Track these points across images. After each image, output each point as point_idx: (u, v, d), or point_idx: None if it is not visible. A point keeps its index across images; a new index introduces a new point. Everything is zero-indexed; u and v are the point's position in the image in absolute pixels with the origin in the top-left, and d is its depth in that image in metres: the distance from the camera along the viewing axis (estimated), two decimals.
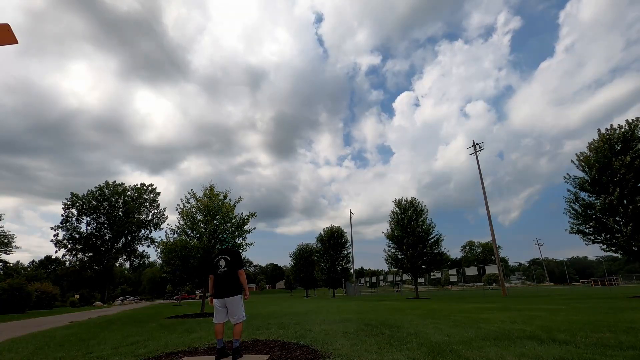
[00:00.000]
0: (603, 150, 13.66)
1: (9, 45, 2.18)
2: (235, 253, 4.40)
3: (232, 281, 4.14)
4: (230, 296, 4.04)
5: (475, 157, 26.93)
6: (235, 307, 4.04)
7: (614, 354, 3.23)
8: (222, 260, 4.25)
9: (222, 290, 4.09)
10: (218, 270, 4.20)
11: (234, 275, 4.16)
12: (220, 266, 4.22)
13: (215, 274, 4.21)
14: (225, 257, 4.27)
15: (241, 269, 4.24)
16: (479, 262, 71.54)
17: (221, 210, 11.68)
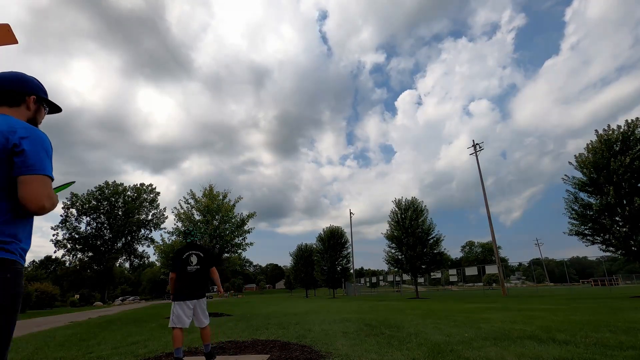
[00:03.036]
0: (601, 151, 13.66)
1: (9, 45, 2.18)
2: (207, 249, 4.06)
3: (204, 281, 3.89)
4: (202, 297, 3.78)
5: (475, 157, 26.94)
6: (205, 309, 3.78)
7: (614, 354, 3.22)
8: (193, 257, 3.86)
9: (194, 291, 3.74)
10: (188, 268, 3.81)
11: (206, 274, 3.89)
12: (191, 263, 3.83)
13: (184, 272, 3.79)
14: (198, 253, 3.90)
15: (214, 267, 3.95)
16: (479, 262, 71.51)
17: (221, 210, 11.69)
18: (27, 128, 1.19)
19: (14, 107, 1.31)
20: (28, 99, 1.34)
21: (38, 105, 1.38)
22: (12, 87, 1.31)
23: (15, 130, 1.15)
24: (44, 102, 1.41)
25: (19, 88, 1.32)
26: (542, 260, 66.83)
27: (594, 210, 13.76)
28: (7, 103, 1.30)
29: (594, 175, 13.84)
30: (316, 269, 36.02)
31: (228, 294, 74.59)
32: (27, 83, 1.35)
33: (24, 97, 1.33)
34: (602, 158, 13.50)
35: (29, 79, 1.38)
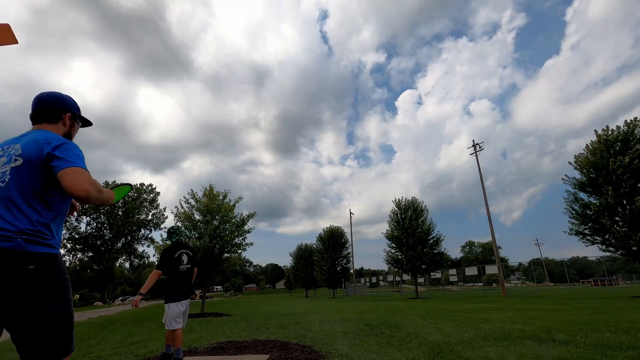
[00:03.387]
0: (600, 151, 13.65)
1: (9, 45, 2.18)
2: (193, 248, 3.98)
3: (191, 281, 3.84)
4: (191, 297, 3.71)
5: (475, 157, 26.94)
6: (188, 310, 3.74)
7: (614, 354, 3.22)
8: (184, 256, 3.79)
9: (187, 291, 3.68)
10: (180, 267, 3.72)
11: (192, 273, 3.86)
12: (182, 262, 3.75)
13: (177, 272, 3.69)
14: (188, 252, 3.85)
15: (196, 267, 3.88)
16: (479, 262, 71.50)
17: (221, 210, 11.68)
18: (60, 139, 1.36)
19: (53, 124, 1.51)
20: (64, 116, 1.55)
21: (72, 122, 1.60)
22: (51, 106, 1.52)
23: (50, 142, 1.32)
24: (77, 118, 1.63)
25: (57, 106, 1.53)
26: (542, 260, 66.82)
27: (594, 211, 13.75)
28: (46, 120, 1.51)
29: (593, 175, 13.84)
30: (316, 269, 36.03)
31: (228, 294, 74.58)
32: (63, 102, 1.56)
33: (61, 114, 1.54)
34: (602, 158, 13.49)
35: (65, 98, 1.59)
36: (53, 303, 1.24)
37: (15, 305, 1.16)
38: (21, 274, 1.17)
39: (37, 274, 1.21)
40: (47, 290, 1.23)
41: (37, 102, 1.52)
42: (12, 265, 1.17)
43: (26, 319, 1.17)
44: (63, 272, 1.31)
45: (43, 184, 1.29)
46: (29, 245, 1.21)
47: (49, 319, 1.22)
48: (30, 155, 1.29)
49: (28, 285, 1.18)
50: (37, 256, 1.22)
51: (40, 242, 1.25)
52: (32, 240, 1.23)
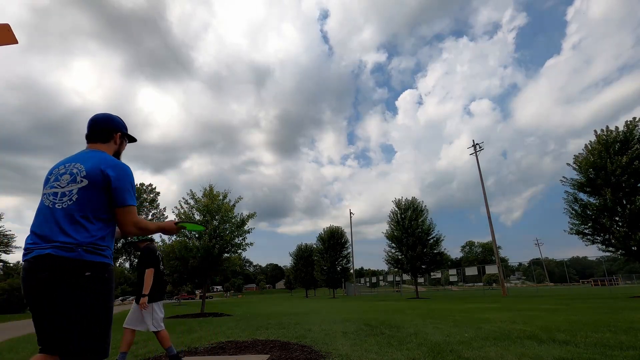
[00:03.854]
0: (599, 151, 13.64)
1: (9, 45, 2.18)
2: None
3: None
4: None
5: (475, 157, 26.95)
6: None
7: (614, 354, 3.22)
8: (159, 255, 3.77)
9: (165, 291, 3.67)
10: (161, 266, 3.68)
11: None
12: (162, 261, 3.73)
13: (159, 271, 3.66)
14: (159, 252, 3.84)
15: None
16: (479, 262, 71.49)
17: (221, 210, 11.68)
18: (117, 165, 1.58)
19: (106, 143, 1.72)
20: (115, 136, 1.76)
21: (122, 140, 1.81)
22: (105, 127, 1.73)
23: (110, 166, 1.55)
24: (125, 136, 1.84)
25: (109, 127, 1.74)
26: (542, 260, 66.81)
27: (593, 211, 13.75)
28: (100, 140, 1.71)
29: (592, 175, 13.82)
30: (316, 269, 36.02)
31: (228, 294, 74.50)
32: (114, 122, 1.77)
33: (112, 134, 1.75)
34: (600, 159, 13.48)
35: (116, 119, 1.79)
36: (99, 305, 1.45)
37: (71, 303, 1.38)
38: (80, 279, 1.40)
39: (92, 279, 1.43)
40: (96, 293, 1.44)
41: (92, 124, 1.72)
42: (73, 271, 1.40)
43: (72, 316, 1.37)
44: (111, 279, 1.53)
45: (101, 205, 1.52)
46: (87, 255, 1.43)
47: (89, 320, 1.41)
48: (95, 179, 1.51)
49: (84, 288, 1.41)
50: (92, 264, 1.44)
51: (95, 253, 1.46)
52: (90, 251, 1.45)
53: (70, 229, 1.44)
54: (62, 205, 1.47)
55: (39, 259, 1.39)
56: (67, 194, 1.49)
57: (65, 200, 1.48)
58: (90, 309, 1.42)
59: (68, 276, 1.38)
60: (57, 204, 1.48)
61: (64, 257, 1.39)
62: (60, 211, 1.46)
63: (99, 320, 1.44)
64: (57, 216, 1.46)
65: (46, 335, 1.39)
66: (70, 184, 1.50)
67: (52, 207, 1.48)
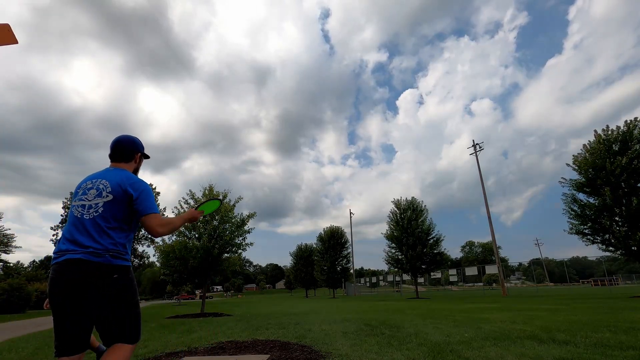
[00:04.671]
0: (599, 151, 13.63)
1: (9, 45, 2.18)
2: None
3: None
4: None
5: (475, 157, 26.95)
6: None
7: (614, 354, 3.22)
8: None
9: None
10: None
11: None
12: None
13: None
14: None
15: None
16: (479, 262, 71.50)
17: (220, 210, 11.67)
18: (138, 183, 1.82)
19: (128, 163, 1.98)
20: (136, 156, 2.02)
21: (141, 159, 2.08)
22: (128, 149, 1.97)
23: (131, 183, 1.79)
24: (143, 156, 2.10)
25: (132, 149, 1.99)
26: (542, 260, 66.83)
27: (593, 211, 13.74)
28: (124, 160, 1.97)
29: (591, 175, 13.81)
30: (316, 269, 36.02)
31: (228, 294, 74.47)
32: (135, 145, 2.02)
33: (134, 155, 2.00)
34: (600, 159, 13.48)
35: (137, 141, 2.04)
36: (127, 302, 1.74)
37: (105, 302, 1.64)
38: (108, 281, 1.64)
39: (119, 280, 1.69)
40: (125, 292, 1.72)
41: (117, 145, 1.96)
42: (103, 274, 1.63)
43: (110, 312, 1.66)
44: (134, 279, 1.81)
45: (124, 216, 1.76)
46: (113, 259, 1.67)
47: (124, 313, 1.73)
48: (119, 195, 1.74)
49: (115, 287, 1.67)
50: (118, 268, 1.69)
51: (120, 257, 1.71)
52: (115, 256, 1.69)
53: (98, 237, 1.67)
54: (89, 216, 1.70)
55: (71, 263, 1.59)
56: (93, 206, 1.73)
57: (92, 212, 1.72)
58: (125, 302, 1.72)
59: (97, 279, 1.61)
60: (85, 214, 1.71)
61: (94, 262, 1.61)
62: (89, 221, 1.69)
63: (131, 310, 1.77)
64: (87, 225, 1.68)
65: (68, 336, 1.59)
66: (97, 198, 1.74)
67: (80, 217, 1.71)
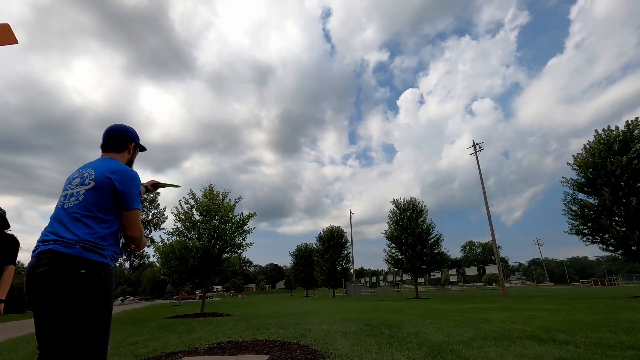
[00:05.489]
0: (599, 151, 13.62)
1: (9, 45, 2.18)
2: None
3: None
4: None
5: (475, 157, 26.96)
6: None
7: (614, 354, 3.22)
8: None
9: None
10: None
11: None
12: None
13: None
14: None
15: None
16: (479, 262, 71.49)
17: (220, 210, 11.67)
18: (125, 171, 1.63)
19: (120, 153, 1.80)
20: (130, 146, 1.84)
21: (135, 150, 1.90)
22: (121, 138, 1.80)
23: (117, 172, 1.59)
24: (138, 147, 1.92)
25: (125, 138, 1.82)
26: (542, 260, 66.83)
27: (592, 211, 13.74)
28: (115, 150, 1.79)
29: (591, 175, 13.81)
30: (316, 269, 36.01)
31: (228, 294, 74.49)
32: (129, 133, 1.85)
33: (127, 144, 1.83)
34: (600, 159, 13.47)
35: (131, 130, 1.87)
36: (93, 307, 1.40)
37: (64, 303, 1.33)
38: (75, 276, 1.38)
39: (86, 277, 1.40)
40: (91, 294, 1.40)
41: (109, 134, 1.79)
42: (69, 268, 1.38)
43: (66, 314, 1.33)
44: (109, 281, 1.50)
45: (106, 206, 1.55)
46: (85, 252, 1.43)
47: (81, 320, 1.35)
48: (102, 183, 1.55)
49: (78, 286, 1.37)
50: (89, 262, 1.43)
51: (95, 251, 1.46)
52: (88, 248, 1.44)
53: (72, 226, 1.47)
54: (69, 205, 1.53)
55: (41, 255, 1.41)
56: (75, 194, 1.56)
57: (72, 200, 1.55)
58: (83, 310, 1.36)
59: (64, 272, 1.36)
60: (66, 204, 1.55)
61: (62, 253, 1.39)
62: (67, 210, 1.52)
63: (92, 323, 1.38)
64: (63, 215, 1.51)
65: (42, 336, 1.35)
66: (79, 186, 1.57)
67: (61, 207, 1.55)
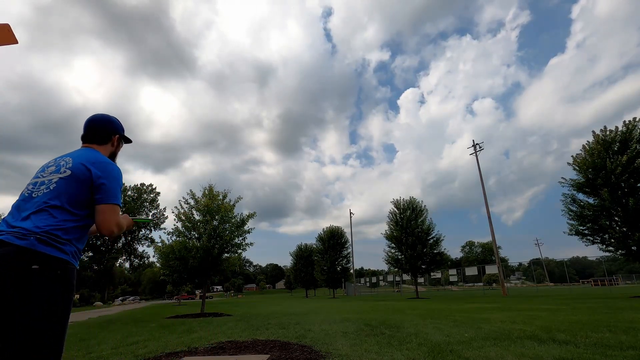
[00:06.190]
0: (598, 151, 13.62)
1: (9, 45, 2.18)
2: None
3: None
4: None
5: (475, 157, 26.96)
6: None
7: (614, 354, 3.22)
8: None
9: None
10: None
11: None
12: None
13: None
14: None
15: None
16: (479, 262, 71.50)
17: (220, 210, 11.67)
18: (105, 163, 1.47)
19: (102, 145, 1.64)
20: (113, 138, 1.69)
21: (119, 142, 1.74)
22: (103, 128, 1.64)
23: (97, 163, 1.43)
24: (122, 139, 1.77)
25: (108, 129, 1.66)
26: (542, 260, 66.84)
27: (592, 211, 13.74)
28: (97, 141, 1.62)
29: (590, 175, 13.81)
30: (316, 269, 36.02)
31: (229, 294, 74.54)
32: (113, 124, 1.69)
33: (110, 136, 1.67)
34: (599, 159, 13.47)
35: (115, 121, 1.71)
36: (43, 311, 1.15)
37: (6, 301, 1.11)
38: (23, 272, 1.15)
39: (40, 275, 1.17)
40: (41, 295, 1.16)
41: (90, 125, 1.63)
42: (19, 262, 1.15)
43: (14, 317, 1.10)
44: (67, 280, 1.26)
45: (79, 198, 1.37)
46: (39, 244, 1.20)
47: (29, 326, 1.11)
48: (79, 172, 1.39)
49: (28, 286, 1.14)
50: (43, 257, 1.20)
51: (53, 245, 1.24)
52: (44, 240, 1.22)
53: (33, 215, 1.27)
54: (37, 194, 1.35)
55: None
56: (46, 182, 1.38)
57: (42, 188, 1.36)
58: (30, 317, 1.11)
59: (14, 268, 1.14)
60: (35, 192, 1.36)
61: (13, 245, 1.17)
62: (34, 199, 1.34)
63: (42, 326, 1.14)
64: (28, 203, 1.33)
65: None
66: (53, 174, 1.40)
67: (28, 195, 1.36)
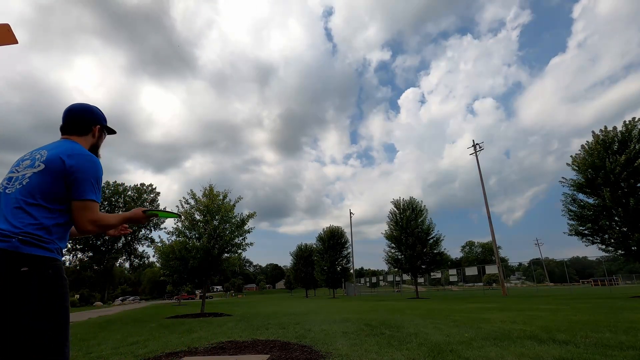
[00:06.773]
0: (597, 151, 13.62)
1: (9, 45, 2.18)
2: None
3: None
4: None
5: (475, 157, 26.97)
6: None
7: (614, 354, 3.22)
8: None
9: None
10: None
11: None
12: None
13: None
14: None
15: None
16: (479, 262, 71.50)
17: (221, 210, 11.67)
18: (83, 155, 1.37)
19: (82, 136, 1.51)
20: (94, 129, 1.56)
21: (101, 133, 1.61)
22: (83, 118, 1.52)
23: (72, 155, 1.33)
24: (105, 129, 1.65)
25: (88, 119, 1.54)
26: (542, 260, 66.83)
27: (592, 212, 13.73)
28: (76, 132, 1.50)
29: (590, 175, 13.81)
30: (316, 269, 36.03)
31: (229, 294, 74.55)
32: (93, 114, 1.57)
33: (90, 127, 1.54)
34: (599, 159, 13.46)
35: (95, 110, 1.59)
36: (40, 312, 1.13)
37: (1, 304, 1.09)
38: (11, 276, 1.11)
39: (30, 277, 1.13)
40: (36, 296, 1.13)
41: (69, 115, 1.51)
42: (6, 266, 1.11)
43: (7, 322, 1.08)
44: (58, 278, 1.22)
45: (56, 193, 1.29)
46: (23, 246, 1.16)
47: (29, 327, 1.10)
48: (53, 165, 1.29)
49: (17, 287, 1.11)
50: (31, 258, 1.15)
51: (37, 244, 1.19)
52: (27, 241, 1.17)
53: (10, 215, 1.21)
54: (11, 190, 1.27)
55: None
56: (20, 178, 1.29)
57: (15, 184, 1.28)
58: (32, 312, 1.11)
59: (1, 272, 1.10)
60: (8, 189, 1.28)
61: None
62: (7, 196, 1.26)
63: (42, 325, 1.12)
64: (3, 202, 1.26)
65: None
66: (27, 169, 1.31)
67: (2, 192, 1.29)
